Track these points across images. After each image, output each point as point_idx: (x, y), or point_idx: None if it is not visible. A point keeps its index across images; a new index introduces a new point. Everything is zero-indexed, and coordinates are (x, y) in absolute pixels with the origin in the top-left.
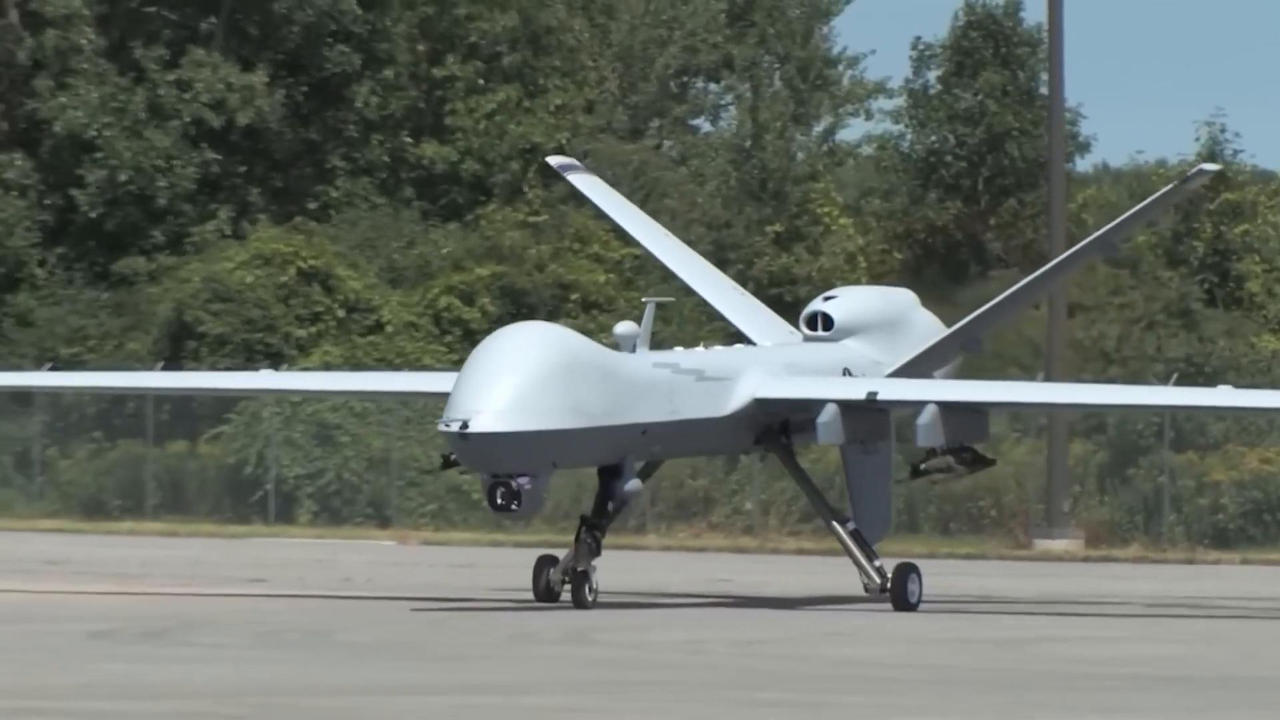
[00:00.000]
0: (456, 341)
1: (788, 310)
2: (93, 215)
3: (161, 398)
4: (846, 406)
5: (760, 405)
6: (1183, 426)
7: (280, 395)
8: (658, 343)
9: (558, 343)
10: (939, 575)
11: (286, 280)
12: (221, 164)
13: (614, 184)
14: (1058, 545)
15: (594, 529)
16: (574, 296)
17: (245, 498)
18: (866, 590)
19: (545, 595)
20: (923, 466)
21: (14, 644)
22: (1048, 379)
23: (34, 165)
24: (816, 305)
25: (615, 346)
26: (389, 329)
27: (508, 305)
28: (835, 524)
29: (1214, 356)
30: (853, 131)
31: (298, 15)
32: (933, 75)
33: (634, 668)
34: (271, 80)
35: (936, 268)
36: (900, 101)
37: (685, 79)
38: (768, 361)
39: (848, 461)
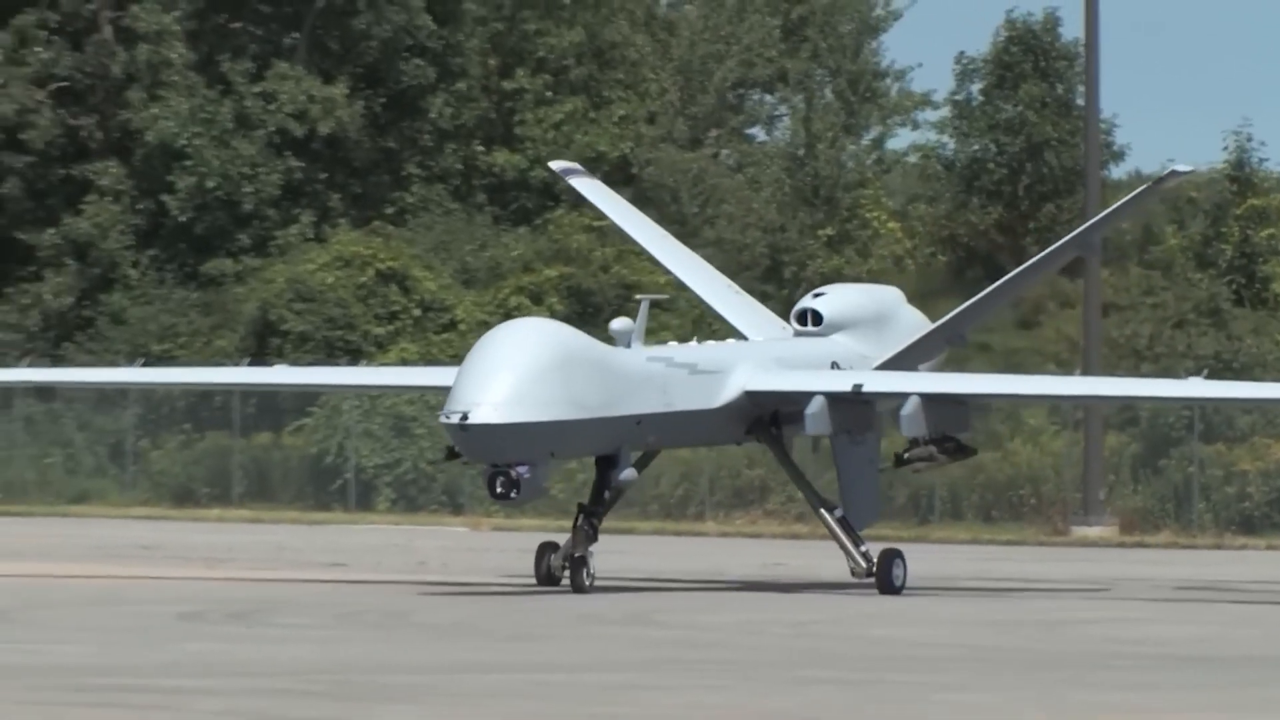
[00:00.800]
0: None
1: None
2: (182, 219)
3: (247, 392)
4: (833, 398)
5: (751, 397)
6: (1212, 419)
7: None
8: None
9: (554, 338)
10: (981, 560)
11: (365, 281)
12: (304, 171)
13: (674, 190)
14: (1093, 532)
15: (591, 516)
16: (636, 296)
17: (326, 486)
18: (853, 574)
19: (546, 580)
20: (906, 455)
21: (108, 624)
22: (1085, 374)
23: (127, 172)
24: (806, 302)
25: (611, 342)
26: (462, 327)
27: (574, 305)
28: (823, 511)
29: (1241, 353)
30: (900, 141)
31: (376, 31)
32: (975, 88)
33: (692, 647)
34: (351, 92)
35: (979, 269)
36: (944, 112)
37: (742, 91)
38: (758, 356)
39: (836, 452)
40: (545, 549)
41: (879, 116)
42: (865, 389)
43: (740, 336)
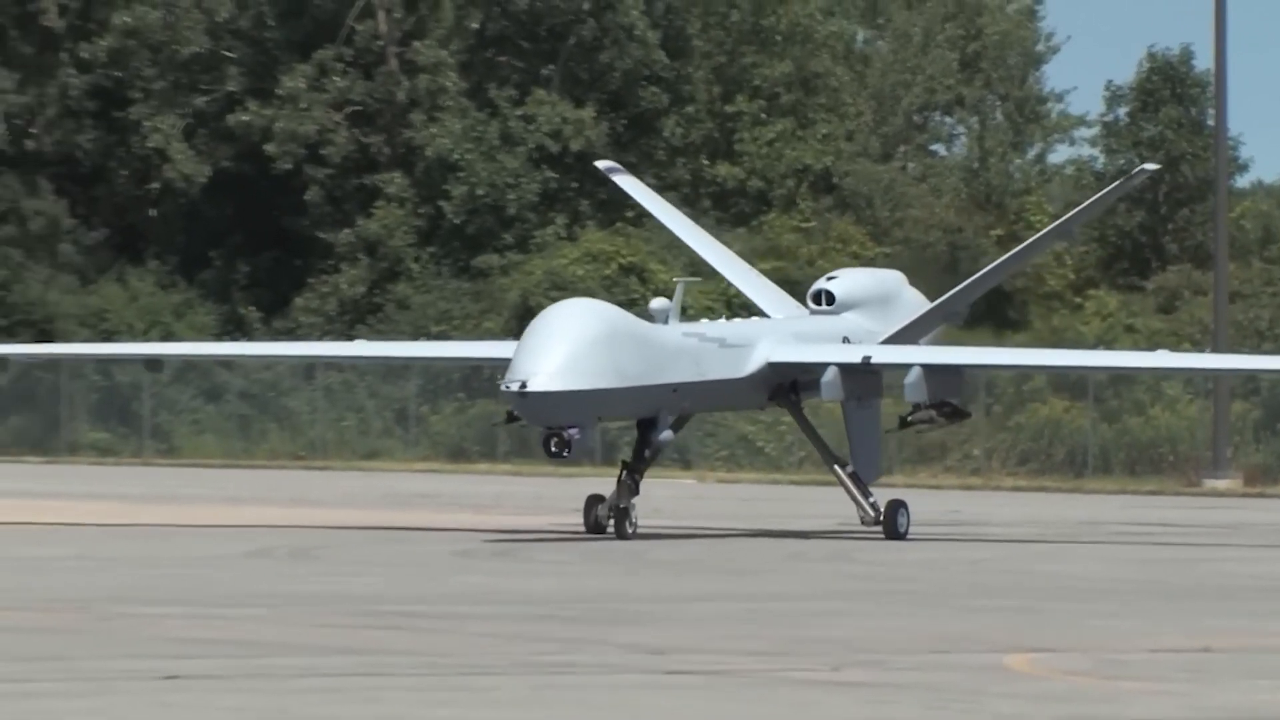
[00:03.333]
0: None
1: (1006, 298)
2: (456, 221)
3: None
4: (845, 368)
5: (773, 368)
6: None
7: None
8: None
9: (601, 315)
10: (1128, 508)
11: (609, 273)
12: (558, 181)
13: (869, 197)
14: (1221, 484)
15: (633, 472)
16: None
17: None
18: (862, 522)
19: (594, 528)
20: (909, 418)
21: (394, 560)
22: (1214, 351)
23: (410, 182)
24: (820, 284)
25: (650, 318)
26: (689, 312)
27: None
28: (836, 467)
29: None
30: (1058, 155)
31: (618, 63)
32: (1122, 110)
33: (884, 580)
34: (598, 115)
35: (1125, 263)
36: (1096, 131)
37: (925, 113)
38: (779, 332)
39: (847, 416)
40: (593, 501)
41: (1041, 135)
42: (874, 361)
43: (763, 314)
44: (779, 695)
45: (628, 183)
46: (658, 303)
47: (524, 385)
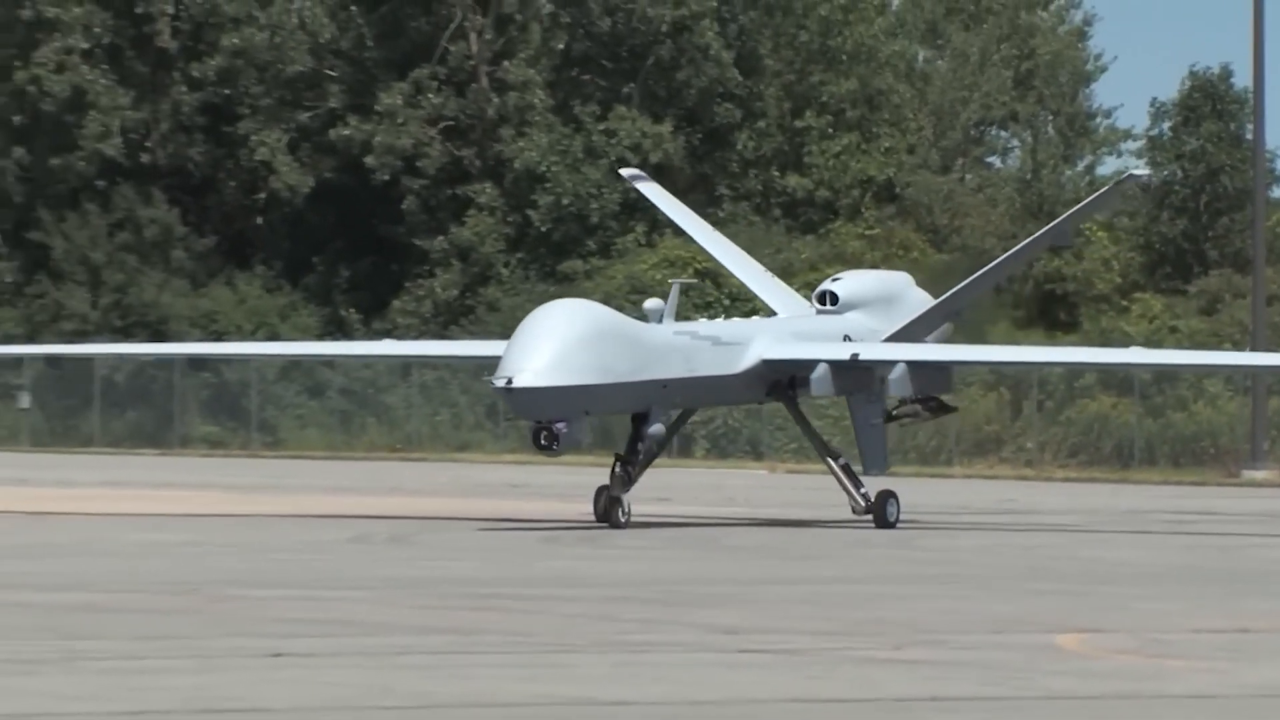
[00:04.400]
0: None
1: (1058, 301)
2: (543, 229)
3: None
4: (835, 365)
5: (768, 364)
6: None
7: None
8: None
9: (588, 315)
10: (1171, 498)
11: (686, 278)
12: (638, 192)
13: (929, 206)
14: (1259, 475)
15: (627, 464)
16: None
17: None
18: (854, 511)
19: (603, 517)
20: (895, 412)
21: (486, 545)
22: (1253, 350)
23: (499, 192)
24: (825, 285)
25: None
26: (761, 314)
27: None
28: (829, 459)
29: None
30: (1107, 167)
31: (694, 81)
32: (1166, 125)
33: (943, 565)
34: (675, 129)
35: (1169, 268)
36: (1141, 144)
37: (982, 128)
38: (777, 330)
39: (853, 411)
40: (602, 490)
41: (1090, 148)
42: (862, 358)
43: (771, 312)
44: (844, 673)
45: (650, 189)
46: (651, 303)
47: (510, 381)
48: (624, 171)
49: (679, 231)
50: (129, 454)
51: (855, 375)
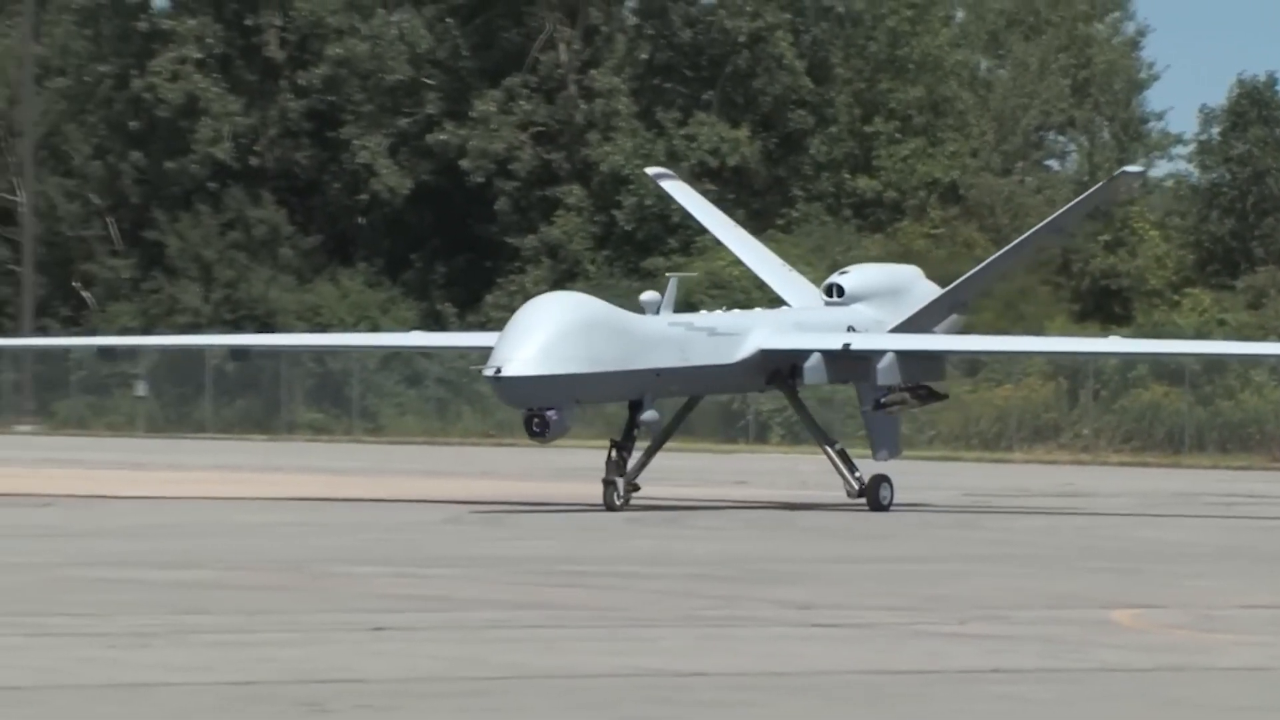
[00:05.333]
0: None
1: (1114, 296)
2: (627, 228)
3: None
4: (828, 354)
5: (765, 354)
6: None
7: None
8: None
9: (576, 307)
10: (1220, 482)
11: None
12: (717, 193)
13: (990, 207)
14: None
15: (622, 450)
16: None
17: (733, 424)
18: (848, 495)
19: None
20: (883, 400)
21: (571, 526)
22: None
23: (587, 193)
24: (833, 278)
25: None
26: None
27: None
28: (825, 445)
29: None
30: (1159, 170)
31: (770, 89)
32: (1215, 130)
33: (1005, 545)
34: (752, 134)
35: (1217, 265)
36: (1192, 148)
37: (1041, 133)
38: (777, 321)
39: (862, 399)
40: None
41: (1143, 151)
42: (853, 348)
43: (784, 304)
44: (911, 646)
45: (674, 186)
46: (647, 295)
47: (499, 370)
48: (650, 170)
49: (702, 228)
50: (238, 439)
51: (849, 364)
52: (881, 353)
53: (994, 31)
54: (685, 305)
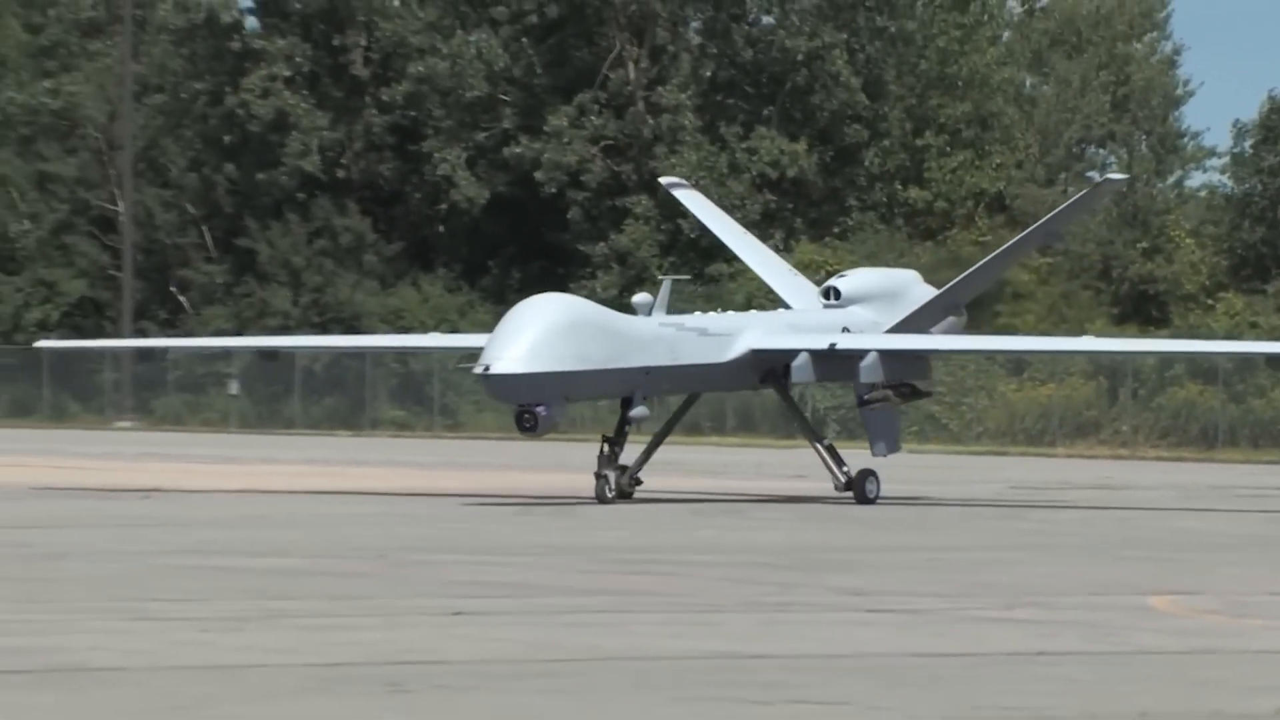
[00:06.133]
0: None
1: (1151, 300)
2: (692, 236)
3: None
4: (815, 354)
5: (756, 354)
6: None
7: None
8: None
9: (564, 307)
10: (1252, 475)
11: (817, 280)
12: (776, 202)
13: (1035, 216)
14: None
15: (614, 444)
16: (1007, 289)
17: (792, 421)
18: (835, 489)
19: (619, 494)
20: (866, 397)
21: (640, 516)
22: None
23: (654, 204)
24: (831, 282)
25: (632, 311)
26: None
27: None
28: (814, 441)
29: None
30: (1194, 180)
31: (826, 105)
32: (1247, 143)
33: (1048, 535)
34: (809, 147)
35: (1249, 270)
36: (1225, 160)
37: (1082, 146)
38: (769, 322)
39: (859, 397)
40: (616, 472)
41: (1179, 163)
42: (838, 347)
43: (786, 306)
44: (960, 630)
45: (685, 194)
46: (639, 298)
47: (488, 368)
48: (663, 180)
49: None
50: (325, 435)
51: (836, 364)
52: (864, 352)
53: (1038, 50)
54: (747, 308)
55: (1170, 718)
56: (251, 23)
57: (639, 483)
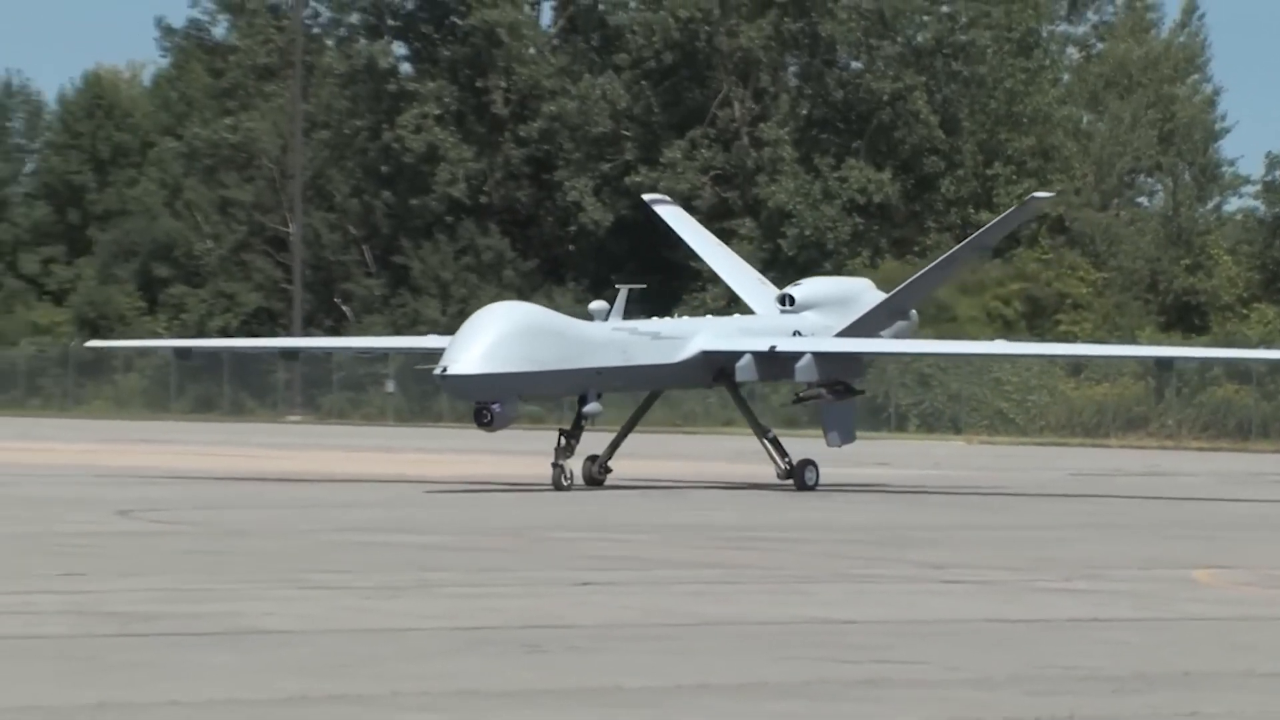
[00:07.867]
0: (997, 331)
1: (1193, 309)
2: (790, 254)
3: None
4: (758, 355)
5: (706, 355)
6: None
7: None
8: None
9: (518, 314)
10: None
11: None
12: (864, 225)
13: (1091, 236)
14: None
15: (570, 437)
16: (1067, 300)
17: (878, 415)
18: (778, 476)
19: (589, 481)
20: (801, 395)
21: (742, 499)
22: None
23: (756, 225)
24: (786, 289)
25: (589, 317)
26: (957, 320)
27: (1027, 306)
28: (759, 434)
29: None
30: (1231, 205)
31: (908, 139)
32: (1278, 172)
33: (1103, 515)
34: (893, 176)
35: None
36: (1258, 188)
37: (1133, 175)
38: (722, 327)
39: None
40: (588, 461)
41: (1218, 190)
42: (778, 349)
43: (751, 312)
44: (1026, 599)
45: (666, 210)
46: (595, 304)
47: (445, 369)
48: (646, 197)
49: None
50: (470, 428)
51: (780, 363)
52: (800, 354)
53: (1094, 91)
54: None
55: (1210, 676)
56: (405, 68)
57: (609, 470)
